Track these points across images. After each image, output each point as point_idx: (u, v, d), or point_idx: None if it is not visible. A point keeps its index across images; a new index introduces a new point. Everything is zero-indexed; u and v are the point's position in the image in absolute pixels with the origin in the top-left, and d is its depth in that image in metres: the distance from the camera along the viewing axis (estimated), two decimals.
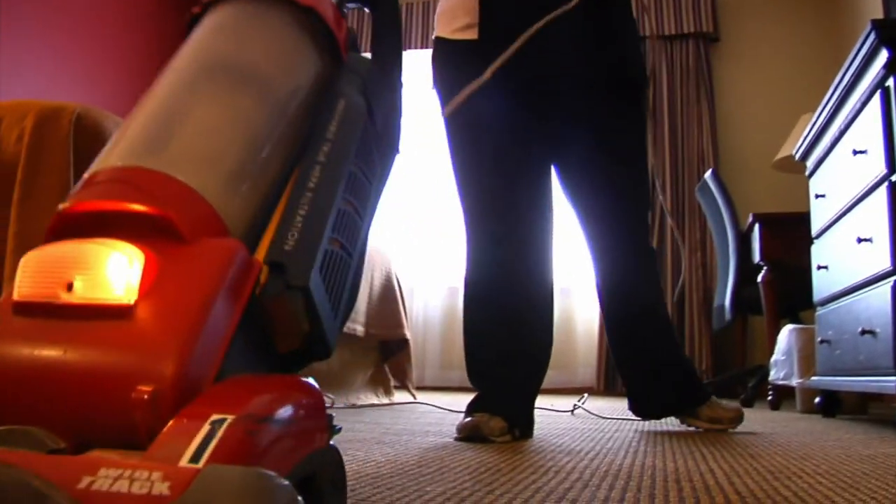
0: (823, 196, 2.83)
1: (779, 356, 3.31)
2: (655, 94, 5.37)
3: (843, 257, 2.55)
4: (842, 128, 2.54)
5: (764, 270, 3.64)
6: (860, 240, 2.31)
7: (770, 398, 3.44)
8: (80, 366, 0.60)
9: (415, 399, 3.46)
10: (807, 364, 3.06)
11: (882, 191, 2.14)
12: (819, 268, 2.87)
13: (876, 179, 2.18)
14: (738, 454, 1.52)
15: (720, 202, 4.06)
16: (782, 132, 5.11)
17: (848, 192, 2.47)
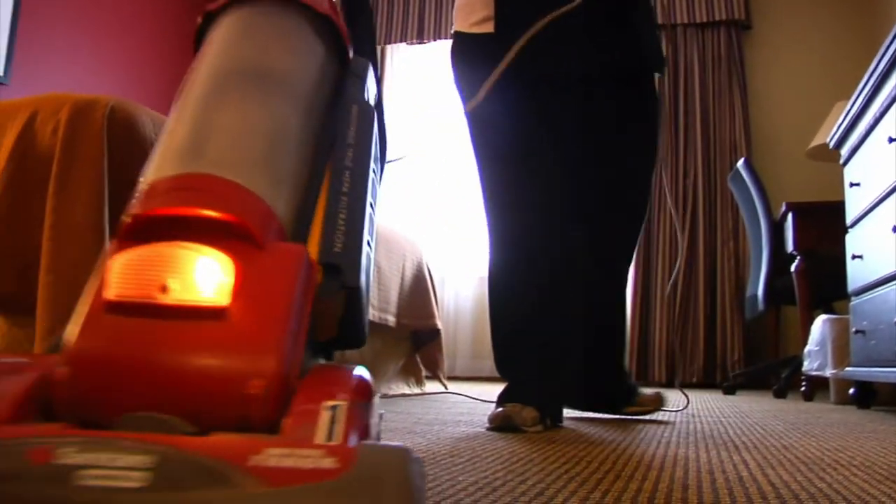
0: (858, 185, 2.79)
1: (812, 347, 3.29)
2: (687, 83, 5.33)
3: (879, 246, 2.52)
4: (877, 115, 2.51)
5: (797, 260, 3.61)
6: None
7: (803, 389, 3.41)
8: (195, 363, 0.65)
9: (446, 389, 3.47)
10: (841, 355, 3.03)
11: None
12: (854, 257, 2.84)
13: None
14: (771, 445, 1.51)
15: (753, 191, 4.03)
16: (816, 120, 5.06)
17: (883, 181, 2.44)
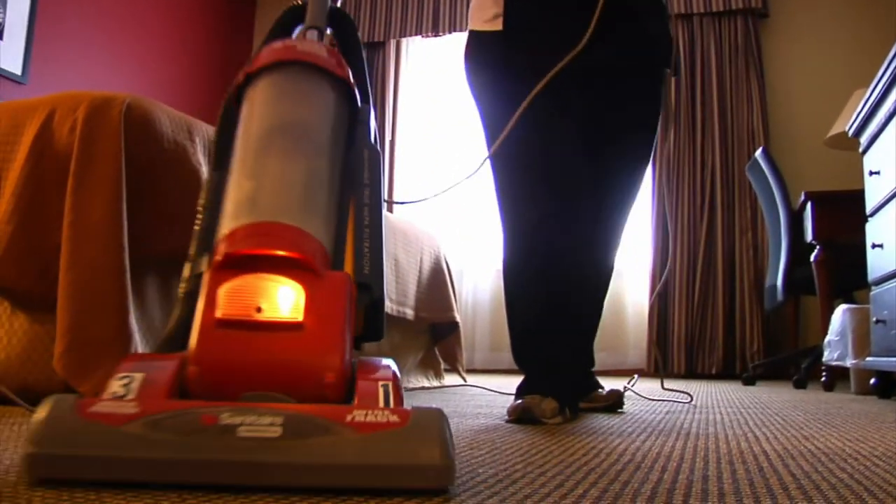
0: (878, 173, 2.77)
1: (832, 337, 3.27)
2: (703, 72, 5.31)
3: None
4: None
5: (817, 250, 3.58)
6: None
7: (824, 379, 3.40)
8: (285, 360, 0.96)
9: (465, 382, 3.47)
10: (861, 344, 3.01)
11: None
12: (874, 246, 2.82)
13: None
14: (792, 436, 1.50)
15: (771, 181, 4.00)
16: (834, 108, 5.02)
17: None
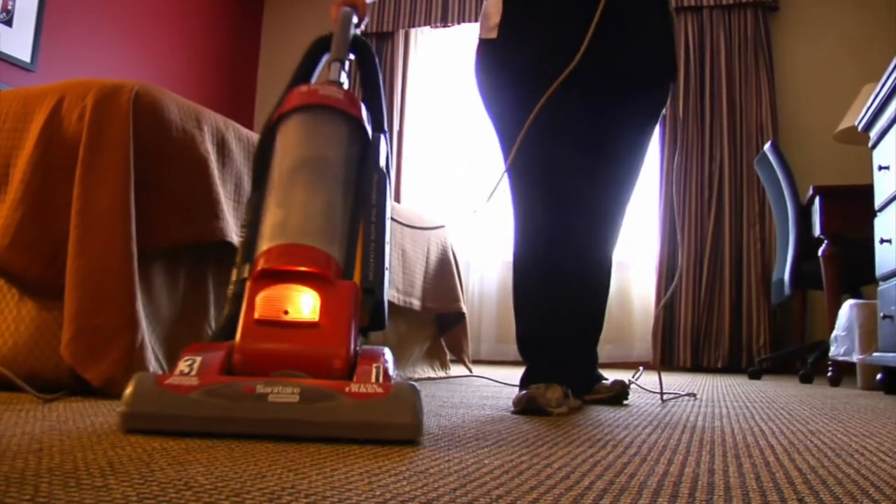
0: (887, 168, 2.76)
1: (839, 332, 3.26)
2: (713, 65, 5.29)
3: None
4: None
5: (825, 244, 3.58)
6: None
7: (830, 374, 3.39)
8: (308, 350, 1.31)
9: (471, 373, 3.48)
10: (868, 340, 3.01)
11: None
12: (882, 241, 2.82)
13: None
14: (798, 430, 1.50)
15: (780, 174, 3.99)
16: (844, 102, 5.00)
17: None
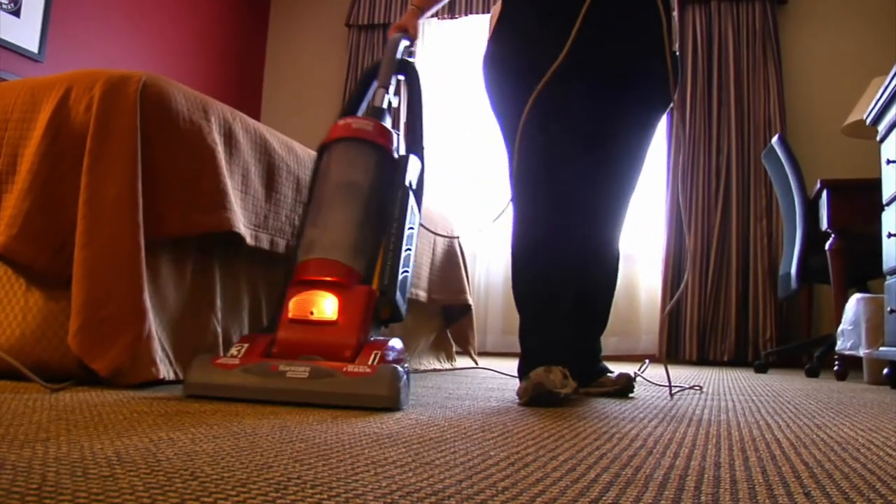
0: (895, 162, 2.75)
1: (846, 326, 3.25)
2: (721, 58, 5.27)
3: None
4: None
5: (832, 238, 3.56)
6: None
7: (836, 369, 3.39)
8: (324, 340, 1.67)
9: (476, 364, 3.48)
10: (875, 334, 3.00)
11: None
12: (889, 235, 2.81)
13: None
14: (804, 424, 1.50)
15: (787, 168, 3.98)
16: (852, 96, 4.98)
17: None
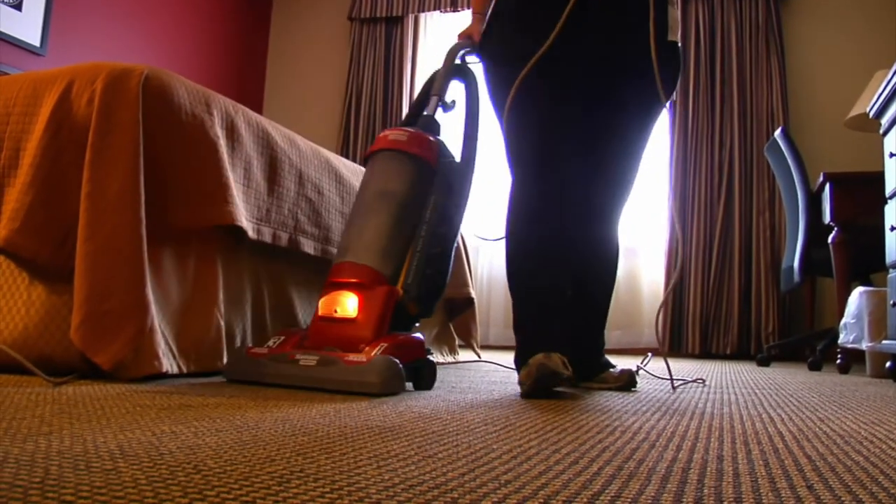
0: None
1: (849, 319, 3.25)
2: (723, 51, 5.26)
3: None
4: None
5: (835, 231, 3.56)
6: None
7: (839, 362, 3.38)
8: (345, 335, 1.85)
9: (479, 358, 3.48)
10: (878, 327, 3.00)
11: None
12: (892, 229, 2.80)
13: None
14: (807, 418, 1.50)
15: (790, 161, 3.97)
16: (855, 89, 4.97)
17: None
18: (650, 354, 3.22)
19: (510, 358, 3.76)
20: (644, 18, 2.03)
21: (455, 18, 6.05)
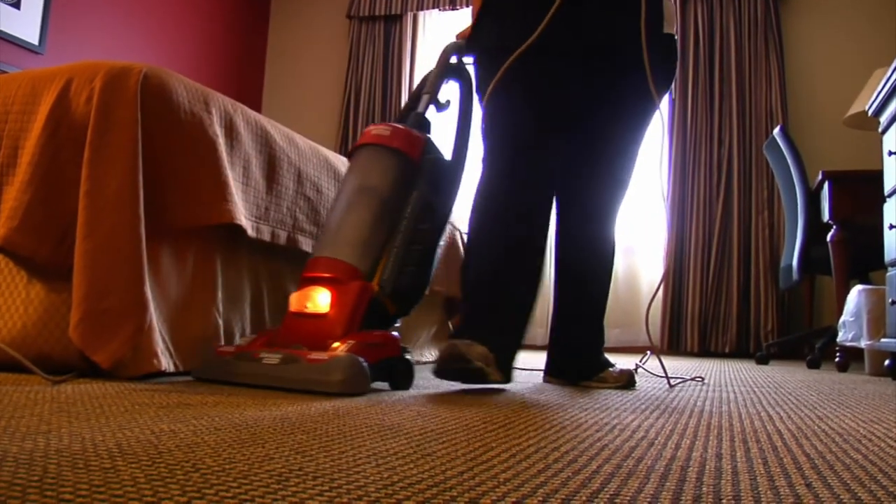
0: None
1: (847, 317, 3.25)
2: (722, 49, 5.26)
3: None
4: None
5: (833, 230, 3.56)
6: None
7: (838, 360, 3.39)
8: (315, 331, 1.80)
9: None
10: (876, 325, 3.00)
11: None
12: (891, 227, 2.80)
13: None
14: (806, 416, 1.50)
15: (789, 159, 3.97)
16: (854, 87, 4.97)
17: None
18: (649, 353, 3.22)
19: None
20: (637, 10, 2.02)
21: (454, 17, 6.05)
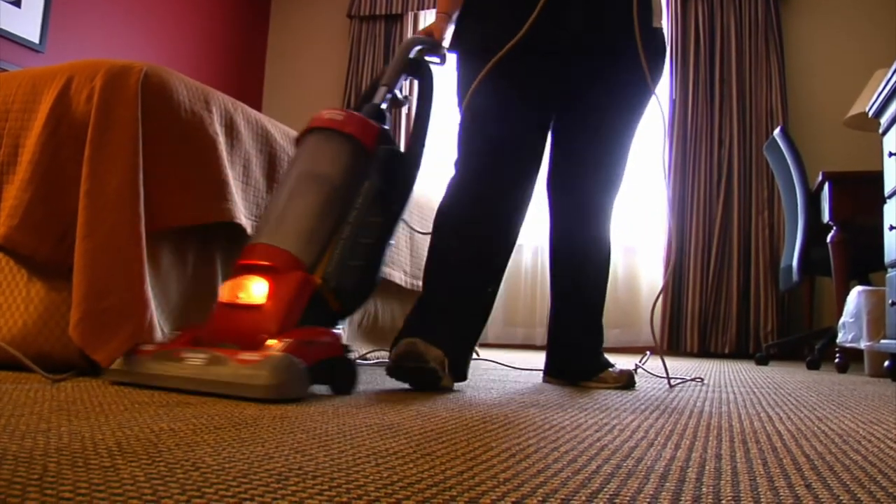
0: None
1: (847, 318, 3.25)
2: (723, 49, 5.26)
3: None
4: None
5: (833, 231, 3.56)
6: None
7: (837, 361, 3.39)
8: (246, 325, 1.59)
9: (477, 356, 3.47)
10: (876, 327, 3.00)
11: None
12: (891, 228, 2.80)
13: None
14: (805, 416, 1.50)
15: (789, 160, 3.97)
16: (854, 88, 4.97)
17: None
18: (648, 353, 3.22)
19: (509, 356, 3.77)
20: (624, 5, 2.01)
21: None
